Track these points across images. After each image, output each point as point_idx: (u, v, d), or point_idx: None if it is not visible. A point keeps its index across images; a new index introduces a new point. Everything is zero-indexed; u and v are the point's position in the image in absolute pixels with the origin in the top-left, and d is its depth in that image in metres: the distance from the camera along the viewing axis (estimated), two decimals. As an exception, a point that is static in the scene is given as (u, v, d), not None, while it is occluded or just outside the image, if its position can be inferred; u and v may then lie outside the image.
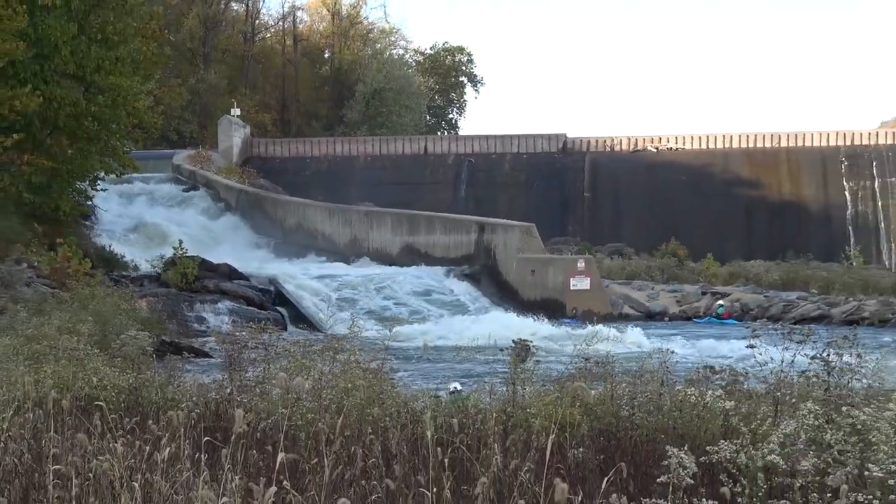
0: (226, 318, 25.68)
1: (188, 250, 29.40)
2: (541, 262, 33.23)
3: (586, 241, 44.17)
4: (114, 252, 32.28)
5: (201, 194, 46.03)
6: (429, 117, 77.11)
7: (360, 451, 6.18)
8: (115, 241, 35.27)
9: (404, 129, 63.95)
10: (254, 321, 13.92)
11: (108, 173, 32.62)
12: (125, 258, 31.90)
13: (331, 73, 71.74)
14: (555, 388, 7.90)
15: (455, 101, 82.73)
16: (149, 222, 41.01)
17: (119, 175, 34.03)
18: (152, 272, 29.58)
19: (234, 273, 29.71)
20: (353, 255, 38.78)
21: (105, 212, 39.15)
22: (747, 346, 7.56)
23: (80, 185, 32.11)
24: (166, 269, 28.50)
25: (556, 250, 38.50)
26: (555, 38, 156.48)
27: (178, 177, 48.38)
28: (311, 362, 8.32)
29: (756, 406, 6.84)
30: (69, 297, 19.59)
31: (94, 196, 34.67)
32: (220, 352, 11.09)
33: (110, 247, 33.10)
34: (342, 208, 42.21)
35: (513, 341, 8.18)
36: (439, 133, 73.06)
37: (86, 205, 34.75)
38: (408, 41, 79.84)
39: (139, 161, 34.97)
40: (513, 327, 23.97)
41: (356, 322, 10.23)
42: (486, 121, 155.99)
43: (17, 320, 14.36)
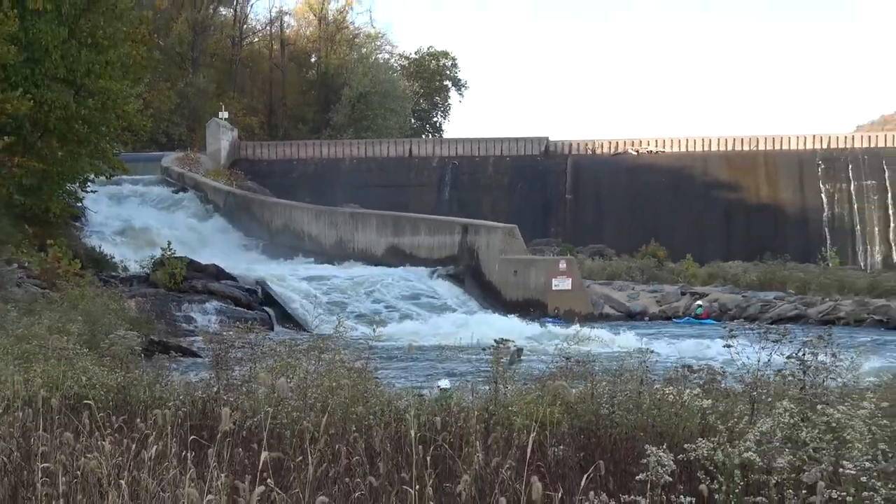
0: (213, 317, 25.74)
1: (176, 251, 29.52)
2: (523, 263, 33.38)
3: (568, 243, 44.45)
4: (103, 253, 32.33)
5: (190, 196, 46.13)
6: (413, 121, 77.20)
7: (344, 448, 6.18)
8: (105, 242, 35.36)
9: (389, 133, 64.23)
10: (241, 321, 14.11)
11: (98, 175, 32.69)
12: (114, 259, 31.97)
13: (317, 77, 71.88)
14: (536, 386, 7.94)
15: (439, 105, 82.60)
16: (138, 224, 41.09)
17: (108, 177, 34.11)
18: (141, 273, 29.67)
19: (221, 273, 29.75)
20: (339, 255, 38.91)
21: (95, 213, 39.26)
22: (724, 346, 7.56)
23: (70, 187, 32.16)
24: (155, 269, 28.57)
25: (538, 251, 38.62)
26: (537, 43, 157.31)
27: (166, 179, 48.48)
28: (297, 361, 8.30)
29: (733, 404, 6.89)
30: (59, 297, 19.65)
31: (83, 198, 34.73)
32: (207, 351, 11.10)
33: (100, 248, 33.13)
34: (328, 210, 42.33)
35: (495, 341, 8.18)
36: (424, 136, 73.21)
37: (76, 206, 34.75)
38: (393, 46, 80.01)
39: (128, 163, 35.08)
40: (496, 327, 24.08)
41: (342, 322, 10.20)
42: (469, 124, 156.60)
43: (8, 320, 14.26)
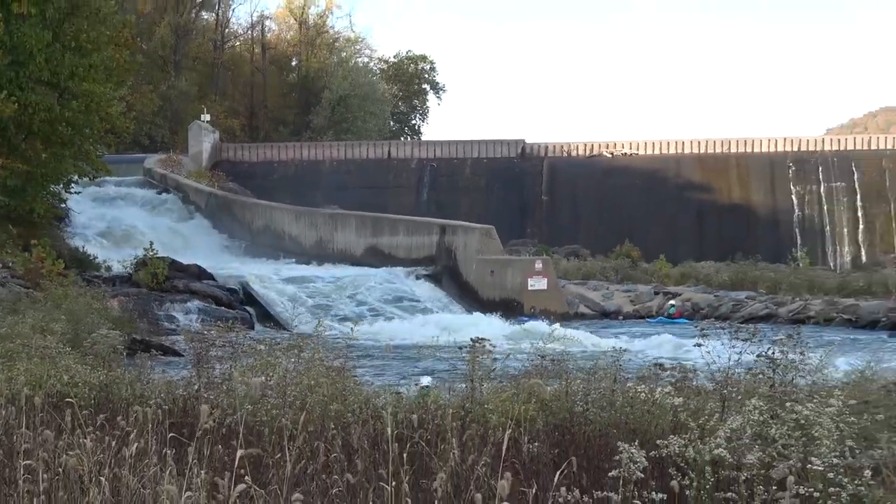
0: (195, 316, 25.73)
1: (159, 251, 29.61)
2: (500, 263, 33.70)
3: (544, 243, 44.77)
4: (86, 253, 32.32)
5: (172, 198, 46.31)
6: (392, 123, 77.59)
7: (322, 446, 6.24)
8: (88, 243, 35.43)
9: (369, 135, 64.63)
10: (222, 320, 14.36)
11: (82, 177, 32.79)
12: (97, 259, 31.96)
13: (298, 81, 72.33)
14: (512, 384, 8.01)
15: (418, 108, 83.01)
16: (121, 225, 41.21)
17: (92, 178, 34.19)
18: (124, 273, 29.69)
19: (203, 273, 29.83)
20: (319, 256, 39.13)
21: (78, 214, 39.35)
22: (695, 345, 7.62)
23: (54, 188, 32.16)
24: (137, 269, 28.67)
25: (514, 252, 38.83)
26: (514, 48, 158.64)
27: (149, 180, 48.67)
28: (276, 360, 8.37)
29: (704, 402, 6.95)
30: (43, 296, 19.68)
31: (67, 199, 34.70)
32: (188, 350, 11.17)
33: (83, 248, 33.15)
34: (308, 211, 42.57)
35: (471, 339, 8.20)
36: (403, 138, 73.72)
37: (59, 207, 34.62)
38: (372, 49, 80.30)
39: (111, 165, 35.04)
40: (475, 325, 24.44)
41: (321, 321, 10.24)
42: (447, 127, 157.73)
43: (-8, 319, 14.11)
